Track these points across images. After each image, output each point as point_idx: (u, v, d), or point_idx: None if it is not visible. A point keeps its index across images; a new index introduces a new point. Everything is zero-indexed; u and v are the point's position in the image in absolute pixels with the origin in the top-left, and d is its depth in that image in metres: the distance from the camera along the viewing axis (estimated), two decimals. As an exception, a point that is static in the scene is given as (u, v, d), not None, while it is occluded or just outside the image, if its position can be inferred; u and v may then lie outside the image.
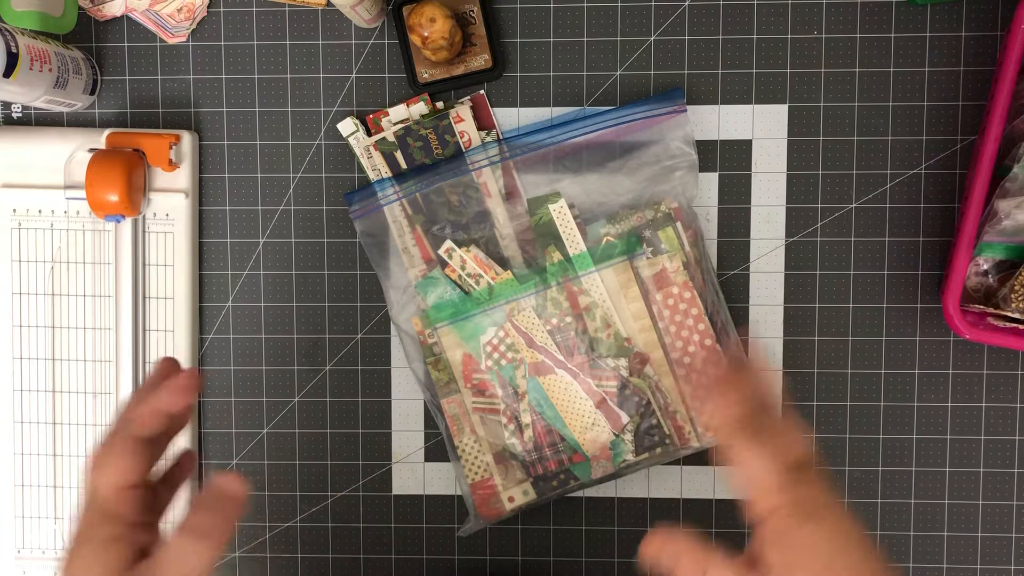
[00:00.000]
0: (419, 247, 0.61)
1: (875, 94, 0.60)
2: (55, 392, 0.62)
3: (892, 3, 0.60)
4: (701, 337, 0.59)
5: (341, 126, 0.61)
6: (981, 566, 0.62)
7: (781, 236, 0.61)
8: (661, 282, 0.60)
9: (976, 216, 0.56)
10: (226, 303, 0.63)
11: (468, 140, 0.60)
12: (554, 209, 0.60)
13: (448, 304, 0.60)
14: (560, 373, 0.60)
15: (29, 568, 0.63)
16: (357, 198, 0.61)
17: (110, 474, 0.42)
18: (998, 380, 0.61)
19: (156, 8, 0.61)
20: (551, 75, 0.61)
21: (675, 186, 0.60)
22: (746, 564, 0.40)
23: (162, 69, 0.62)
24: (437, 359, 0.61)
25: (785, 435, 0.41)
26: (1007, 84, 0.55)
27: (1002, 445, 0.61)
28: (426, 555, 0.63)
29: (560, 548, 0.63)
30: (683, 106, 0.59)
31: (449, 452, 0.61)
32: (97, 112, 0.63)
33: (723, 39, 0.60)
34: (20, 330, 0.62)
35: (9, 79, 0.52)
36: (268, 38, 0.62)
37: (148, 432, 0.43)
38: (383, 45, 0.61)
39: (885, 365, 0.61)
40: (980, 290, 0.58)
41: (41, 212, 0.61)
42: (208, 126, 0.62)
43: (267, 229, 0.62)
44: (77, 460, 0.62)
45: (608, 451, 0.60)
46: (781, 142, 0.61)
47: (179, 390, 0.43)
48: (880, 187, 0.61)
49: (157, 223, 0.61)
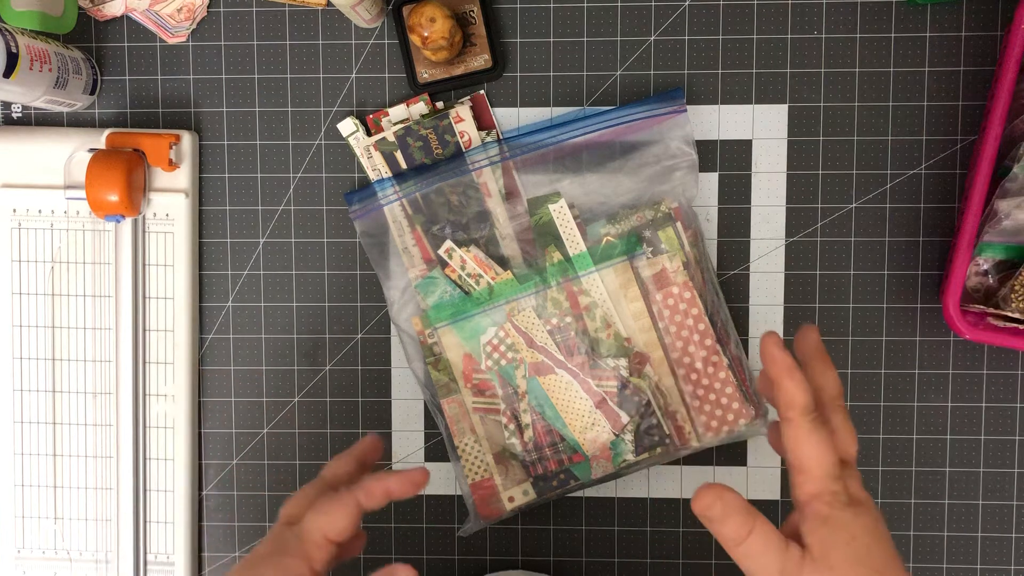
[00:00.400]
0: (419, 247, 0.61)
1: (875, 94, 0.60)
2: (55, 392, 0.62)
3: (892, 3, 0.60)
4: (701, 337, 0.59)
5: (341, 126, 0.61)
6: (981, 566, 0.62)
7: (781, 236, 0.61)
8: (661, 282, 0.60)
9: (976, 216, 0.56)
10: (226, 303, 0.63)
11: (468, 140, 0.60)
12: (554, 209, 0.60)
13: (448, 304, 0.60)
14: (560, 373, 0.60)
15: (29, 568, 0.63)
16: (357, 198, 0.61)
17: (327, 522, 0.46)
18: (998, 380, 0.61)
19: (156, 8, 0.61)
20: (551, 75, 0.61)
21: (675, 186, 0.60)
22: (787, 536, 0.41)
23: (162, 69, 0.62)
24: (437, 359, 0.61)
25: (847, 432, 0.42)
26: (1007, 84, 0.55)
27: (1002, 445, 0.61)
28: (426, 555, 0.63)
29: (560, 548, 0.63)
30: (683, 106, 0.59)
31: (449, 452, 0.61)
32: (97, 112, 0.63)
33: (723, 39, 0.60)
34: (20, 330, 0.62)
35: (9, 79, 0.52)
36: (268, 38, 0.62)
37: (372, 506, 0.47)
38: (383, 45, 0.61)
39: (885, 365, 0.61)
40: (980, 290, 0.58)
41: (41, 212, 0.61)
42: (208, 126, 0.62)
43: (267, 229, 0.62)
44: (77, 460, 0.62)
45: (608, 451, 0.60)
46: (781, 142, 0.61)
47: (412, 484, 0.47)
48: (880, 187, 0.61)
49: (157, 223, 0.61)
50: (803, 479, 0.41)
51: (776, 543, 0.40)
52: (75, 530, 0.62)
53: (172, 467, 0.62)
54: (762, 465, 0.62)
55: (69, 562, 0.62)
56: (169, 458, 0.62)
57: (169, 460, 0.62)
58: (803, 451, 0.40)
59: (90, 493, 0.62)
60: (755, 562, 0.40)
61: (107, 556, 0.62)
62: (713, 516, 0.41)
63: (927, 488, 0.62)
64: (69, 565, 0.62)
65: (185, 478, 0.62)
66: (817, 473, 0.40)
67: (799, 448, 0.40)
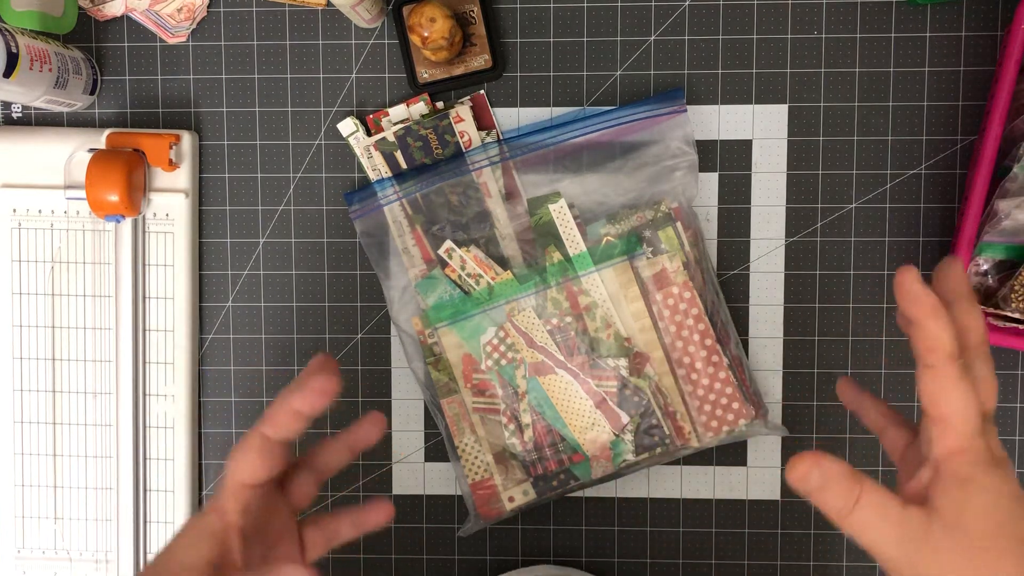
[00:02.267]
0: (419, 247, 0.61)
1: (875, 94, 0.60)
2: (55, 392, 0.62)
3: (892, 3, 0.60)
4: (701, 337, 0.59)
5: (341, 126, 0.61)
6: (981, 566, 0.61)
7: (781, 236, 0.61)
8: (661, 282, 0.60)
9: (976, 216, 0.56)
10: (226, 303, 0.63)
11: (468, 140, 0.60)
12: (554, 209, 0.60)
13: (448, 304, 0.60)
14: (560, 373, 0.60)
15: (29, 568, 0.63)
16: (357, 198, 0.61)
17: (235, 466, 0.42)
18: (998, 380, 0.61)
19: (156, 8, 0.61)
20: (551, 75, 0.61)
21: (675, 186, 0.60)
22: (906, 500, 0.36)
23: (162, 69, 0.62)
24: (437, 359, 0.61)
25: (990, 382, 0.38)
26: (1007, 84, 0.55)
27: (1002, 445, 0.61)
28: (426, 555, 0.63)
29: (560, 548, 0.63)
30: (683, 106, 0.59)
31: (449, 452, 0.61)
32: (97, 112, 0.63)
33: (723, 39, 0.60)
34: (20, 330, 0.62)
35: (9, 79, 0.52)
36: (268, 38, 0.62)
37: (279, 434, 0.42)
38: (383, 45, 0.61)
39: (885, 365, 0.61)
40: (980, 290, 0.58)
41: (41, 212, 0.61)
42: (208, 126, 0.62)
43: (267, 229, 0.62)
44: (77, 460, 0.62)
45: (608, 451, 0.60)
46: (781, 142, 0.61)
47: (314, 392, 0.41)
48: (880, 187, 0.61)
49: (157, 223, 0.61)
50: (943, 433, 0.36)
51: (892, 508, 0.36)
52: (75, 530, 0.62)
53: (172, 467, 0.62)
54: (762, 465, 0.62)
55: (69, 562, 0.62)
56: (169, 458, 0.62)
57: (169, 460, 0.62)
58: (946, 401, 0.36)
59: (90, 493, 0.62)
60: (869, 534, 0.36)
61: (107, 556, 0.62)
62: (811, 487, 0.36)
63: (927, 488, 0.62)
64: (69, 565, 0.62)
65: (185, 478, 0.62)
66: (961, 428, 0.36)
67: (941, 398, 0.36)
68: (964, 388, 0.36)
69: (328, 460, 0.47)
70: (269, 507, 0.44)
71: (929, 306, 0.35)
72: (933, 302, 0.36)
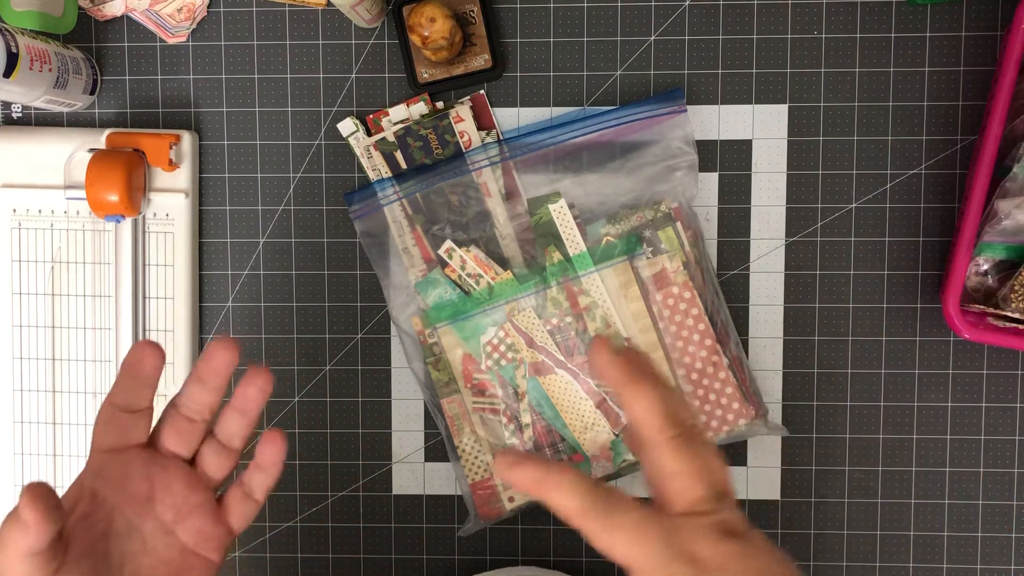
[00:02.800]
0: (419, 247, 0.61)
1: (875, 94, 0.60)
2: (55, 392, 0.62)
3: (892, 3, 0.60)
4: (701, 337, 0.59)
5: (341, 126, 0.61)
6: (981, 566, 0.62)
7: (781, 236, 0.61)
8: (661, 282, 0.60)
9: (976, 216, 0.56)
10: (226, 303, 0.63)
11: (468, 140, 0.60)
12: (554, 209, 0.60)
13: (448, 304, 0.60)
14: (560, 373, 0.60)
15: (29, 568, 0.63)
16: (357, 198, 0.61)
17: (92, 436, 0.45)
18: (998, 380, 0.61)
19: (156, 8, 0.61)
20: (551, 75, 0.61)
21: (675, 186, 0.60)
22: None
23: (162, 69, 0.62)
24: (437, 359, 0.61)
25: (713, 457, 0.39)
26: (1007, 84, 0.55)
27: (1002, 445, 0.61)
28: (426, 555, 0.63)
29: (560, 548, 0.63)
30: (683, 106, 0.59)
31: (449, 452, 0.61)
32: (97, 112, 0.63)
33: (723, 39, 0.60)
34: (20, 330, 0.62)
35: (9, 79, 0.52)
36: (268, 38, 0.62)
37: (120, 400, 0.44)
38: (383, 45, 0.61)
39: (885, 365, 0.61)
40: (980, 290, 0.58)
41: (41, 212, 0.61)
42: (208, 126, 0.62)
43: (267, 229, 0.63)
44: (77, 460, 0.62)
45: (608, 451, 0.60)
46: (781, 142, 0.61)
47: (150, 355, 0.45)
48: (880, 187, 0.61)
49: (157, 223, 0.61)
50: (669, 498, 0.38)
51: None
52: (75, 530, 0.62)
53: (172, 467, 0.62)
54: (762, 465, 0.62)
55: (69, 562, 0.62)
56: (169, 458, 0.62)
57: (169, 460, 0.62)
58: (666, 475, 0.38)
59: (90, 493, 0.62)
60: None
61: (107, 556, 0.62)
62: None
63: (927, 488, 0.62)
64: (69, 565, 0.62)
65: (185, 478, 0.62)
66: (689, 497, 0.37)
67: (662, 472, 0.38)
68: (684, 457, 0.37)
69: (226, 429, 0.47)
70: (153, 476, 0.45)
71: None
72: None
